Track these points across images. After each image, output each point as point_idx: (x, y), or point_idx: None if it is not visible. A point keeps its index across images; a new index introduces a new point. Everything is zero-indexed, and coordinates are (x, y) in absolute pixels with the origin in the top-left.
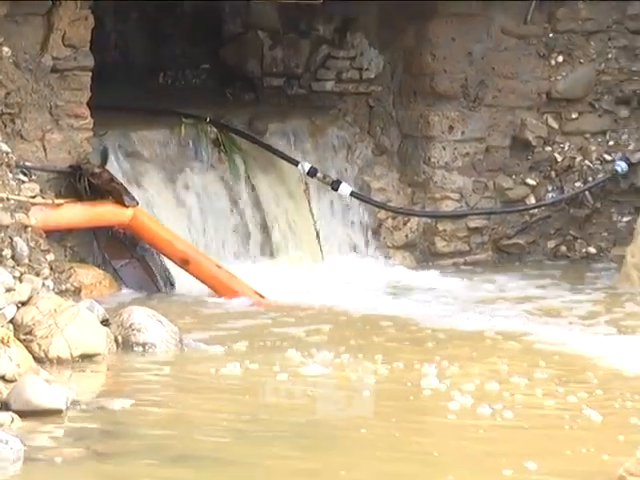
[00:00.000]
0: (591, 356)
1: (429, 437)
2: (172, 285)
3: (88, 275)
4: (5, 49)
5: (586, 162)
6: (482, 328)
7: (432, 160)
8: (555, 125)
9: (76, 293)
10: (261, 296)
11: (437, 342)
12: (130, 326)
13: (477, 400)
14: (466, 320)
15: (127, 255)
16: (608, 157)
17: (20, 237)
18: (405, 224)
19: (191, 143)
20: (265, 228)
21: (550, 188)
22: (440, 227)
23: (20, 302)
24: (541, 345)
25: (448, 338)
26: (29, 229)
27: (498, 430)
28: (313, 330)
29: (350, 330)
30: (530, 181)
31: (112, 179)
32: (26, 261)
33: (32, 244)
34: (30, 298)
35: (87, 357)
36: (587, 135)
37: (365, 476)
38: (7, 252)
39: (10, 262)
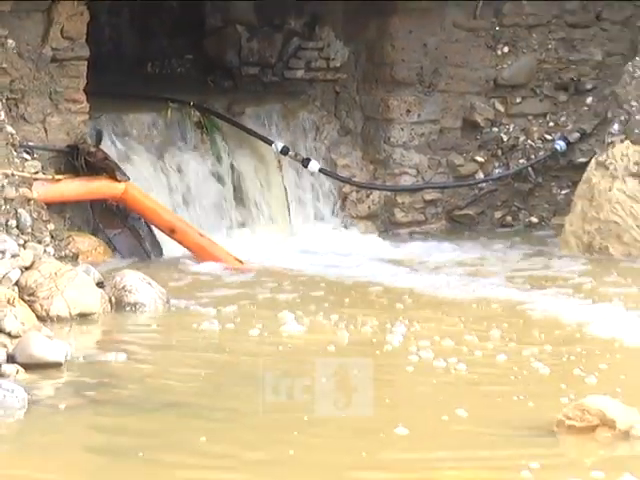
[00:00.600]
0: (553, 319)
1: (386, 387)
2: (160, 251)
3: (85, 242)
4: (10, 41)
5: (529, 141)
6: (454, 293)
7: (392, 140)
8: (501, 108)
9: (74, 259)
10: (239, 261)
11: (409, 304)
12: (123, 288)
13: (436, 355)
14: (437, 285)
15: (119, 225)
16: (548, 137)
17: (24, 209)
18: (368, 197)
19: (177, 125)
20: (243, 201)
21: (497, 164)
22: (399, 199)
23: (24, 267)
24: (505, 307)
25: (420, 301)
26: (32, 202)
27: (450, 381)
28: (291, 293)
29: (325, 292)
30: (479, 158)
31: (106, 157)
32: (29, 230)
33: (35, 215)
34: (33, 263)
35: (84, 316)
36: (530, 117)
37: (323, 421)
38: (12, 222)
39: (15, 231)
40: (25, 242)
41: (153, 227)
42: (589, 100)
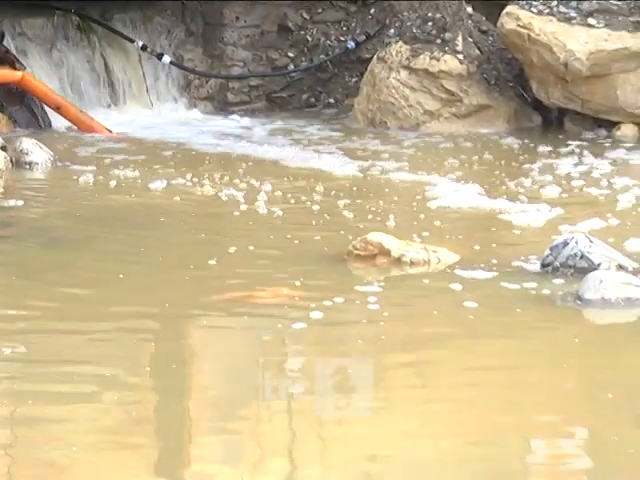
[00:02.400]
0: (372, 179)
1: (214, 225)
2: (49, 124)
3: None
4: None
5: (327, 42)
6: (288, 159)
7: (225, 40)
8: (307, 17)
9: None
10: (110, 132)
11: (250, 167)
12: (21, 151)
13: (263, 205)
14: (273, 151)
15: (18, 103)
16: (342, 38)
17: None
18: (207, 83)
19: (62, 27)
20: (113, 86)
21: (303, 59)
22: (230, 85)
23: None
24: (329, 170)
25: (258, 164)
26: None
27: (265, 223)
28: (156, 158)
29: (184, 158)
30: (290, 54)
31: (7, 51)
32: None
33: None
34: None
35: None
36: (328, 23)
37: (152, 250)
38: None
39: None
40: None
41: (44, 105)
42: (373, 11)
